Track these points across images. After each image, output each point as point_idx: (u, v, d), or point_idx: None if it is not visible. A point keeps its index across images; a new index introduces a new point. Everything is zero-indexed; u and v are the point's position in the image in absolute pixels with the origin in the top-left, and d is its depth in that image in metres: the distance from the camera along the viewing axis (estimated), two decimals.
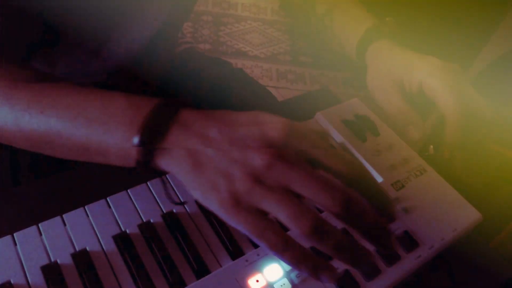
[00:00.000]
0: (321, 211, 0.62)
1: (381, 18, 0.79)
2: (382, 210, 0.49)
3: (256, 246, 0.59)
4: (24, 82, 0.57)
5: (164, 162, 0.49)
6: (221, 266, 0.60)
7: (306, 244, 0.47)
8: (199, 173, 0.47)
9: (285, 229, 0.47)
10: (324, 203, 0.44)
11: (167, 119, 0.50)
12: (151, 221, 0.62)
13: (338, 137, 0.80)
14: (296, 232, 0.43)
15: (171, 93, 1.00)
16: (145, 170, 0.50)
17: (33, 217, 0.59)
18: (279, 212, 0.44)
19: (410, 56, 0.71)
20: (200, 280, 0.56)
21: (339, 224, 0.51)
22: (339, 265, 0.60)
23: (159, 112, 0.50)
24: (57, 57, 0.81)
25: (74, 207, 0.61)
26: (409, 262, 0.64)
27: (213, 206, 0.46)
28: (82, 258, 0.57)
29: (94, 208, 0.62)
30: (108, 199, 0.63)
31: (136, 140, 0.49)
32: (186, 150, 0.48)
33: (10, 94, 0.55)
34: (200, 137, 0.48)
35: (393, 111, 0.72)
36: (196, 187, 0.47)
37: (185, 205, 0.65)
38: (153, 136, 0.49)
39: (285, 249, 0.44)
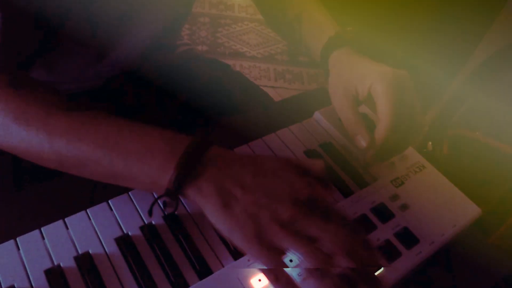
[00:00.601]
0: None
1: (344, 26, 0.83)
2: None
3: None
4: (60, 109, 0.60)
5: (192, 193, 0.56)
6: (223, 266, 0.60)
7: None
8: (228, 210, 0.54)
9: None
10: (335, 242, 0.52)
11: (202, 156, 0.56)
12: (153, 223, 0.62)
13: (337, 135, 0.80)
14: (310, 264, 0.52)
15: (170, 95, 1.00)
16: (172, 198, 0.57)
17: (36, 221, 0.59)
18: (297, 249, 0.52)
19: (364, 65, 0.74)
20: (202, 280, 0.57)
21: None
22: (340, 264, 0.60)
23: (194, 149, 0.56)
24: (55, 62, 0.81)
25: (76, 210, 0.61)
26: (409, 259, 0.64)
27: (238, 240, 0.53)
28: (85, 261, 0.57)
29: (96, 211, 0.62)
30: (109, 202, 0.63)
31: (172, 174, 0.55)
32: (216, 187, 0.55)
33: (47, 120, 0.58)
34: (234, 179, 0.55)
35: (344, 119, 0.75)
36: (222, 221, 0.54)
37: (187, 207, 0.65)
38: (187, 171, 0.55)
39: (286, 284, 0.53)
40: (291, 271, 0.57)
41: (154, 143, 0.57)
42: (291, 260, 0.58)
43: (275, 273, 0.53)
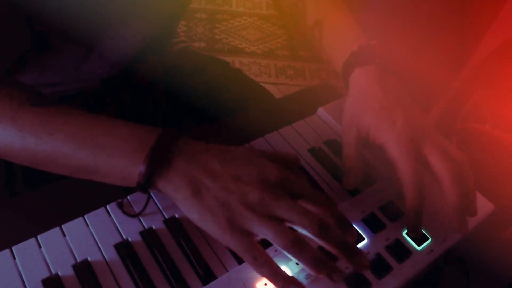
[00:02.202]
0: None
1: (369, 37, 0.78)
2: (344, 229, 0.58)
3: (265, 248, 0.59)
4: (26, 105, 0.60)
5: (162, 185, 0.57)
6: (227, 270, 0.59)
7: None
8: (198, 199, 0.55)
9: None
10: (303, 224, 0.54)
11: (170, 148, 0.58)
12: (153, 227, 0.61)
13: (342, 132, 0.79)
14: (279, 246, 0.54)
15: (168, 95, 0.99)
16: (143, 190, 0.58)
17: (31, 229, 0.58)
18: (267, 231, 0.54)
19: (380, 108, 0.70)
20: (206, 286, 0.56)
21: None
22: (349, 265, 0.59)
23: (163, 142, 0.58)
24: (48, 63, 0.80)
25: (73, 217, 0.60)
26: (421, 258, 0.63)
27: (210, 227, 0.55)
28: (83, 269, 0.56)
29: (94, 217, 0.61)
30: (107, 207, 0.62)
31: (142, 168, 0.56)
32: (185, 177, 0.56)
33: (17, 116, 0.59)
34: (203, 168, 0.57)
35: (344, 151, 0.72)
36: (194, 210, 0.56)
37: None
38: (157, 164, 0.56)
39: (264, 263, 0.54)
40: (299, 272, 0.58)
41: (123, 137, 0.58)
42: (297, 263, 0.58)
43: (252, 253, 0.54)
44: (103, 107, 0.92)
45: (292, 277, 0.55)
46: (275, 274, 0.54)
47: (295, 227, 0.55)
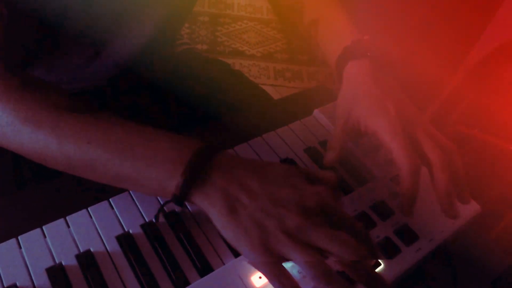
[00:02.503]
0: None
1: (362, 32, 0.80)
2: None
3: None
4: (69, 112, 0.60)
5: (199, 199, 0.56)
6: (224, 263, 0.60)
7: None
8: (234, 217, 0.53)
9: None
10: (341, 253, 0.51)
11: (209, 163, 0.56)
12: (154, 221, 0.63)
13: None
14: (311, 275, 0.51)
15: (170, 95, 1.00)
16: (179, 204, 0.57)
17: (37, 220, 0.60)
18: (300, 260, 0.51)
19: (374, 99, 0.71)
20: (203, 278, 0.57)
21: None
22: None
23: (201, 155, 0.56)
24: (55, 62, 0.82)
25: (77, 209, 0.62)
26: (409, 255, 0.65)
27: (243, 247, 0.52)
28: (86, 259, 0.57)
29: (97, 209, 0.62)
30: (110, 200, 0.64)
31: (179, 180, 0.55)
32: (222, 194, 0.55)
33: (56, 122, 0.58)
34: (241, 185, 0.55)
35: (333, 132, 0.74)
36: (228, 228, 0.54)
37: (188, 205, 0.65)
38: (194, 178, 0.55)
39: None
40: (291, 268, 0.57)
41: (162, 148, 0.58)
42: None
43: (280, 279, 0.52)
44: (107, 106, 0.93)
45: None
46: None
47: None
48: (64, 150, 0.58)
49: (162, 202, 0.65)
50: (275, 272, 0.52)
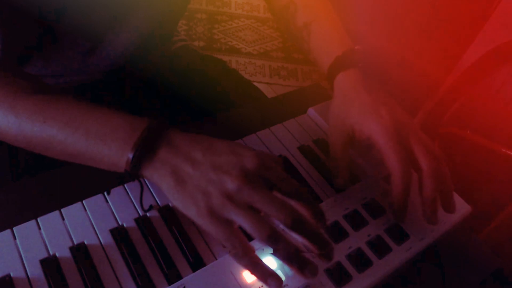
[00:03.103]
0: None
1: (352, 34, 0.81)
2: (318, 218, 0.59)
3: (251, 239, 0.60)
4: (27, 93, 0.62)
5: (149, 173, 0.59)
6: (216, 258, 0.61)
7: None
8: (181, 187, 0.56)
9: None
10: (278, 216, 0.55)
11: (158, 138, 0.59)
12: (148, 215, 0.63)
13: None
14: (256, 238, 0.54)
15: (166, 90, 1.01)
16: (131, 178, 0.59)
17: (32, 212, 0.60)
18: (244, 223, 0.54)
19: (365, 106, 0.72)
20: (196, 272, 0.57)
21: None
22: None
23: (150, 132, 0.59)
24: (51, 56, 0.82)
25: (72, 201, 0.62)
26: (400, 254, 0.65)
27: (192, 214, 0.56)
28: (80, 252, 0.58)
29: (92, 202, 0.63)
30: (105, 193, 0.64)
31: (130, 155, 0.58)
32: (170, 167, 0.58)
33: (14, 103, 0.61)
34: (186, 157, 0.58)
35: (332, 152, 0.75)
36: (177, 198, 0.57)
37: None
38: (144, 153, 0.58)
39: (244, 254, 0.55)
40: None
41: (115, 126, 0.60)
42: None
43: (232, 241, 0.55)
44: (103, 100, 0.93)
45: (272, 270, 0.56)
46: (253, 265, 0.55)
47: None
48: (22, 129, 0.61)
49: (158, 200, 0.65)
50: (226, 235, 0.54)
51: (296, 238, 0.57)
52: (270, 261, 0.59)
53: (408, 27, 1.65)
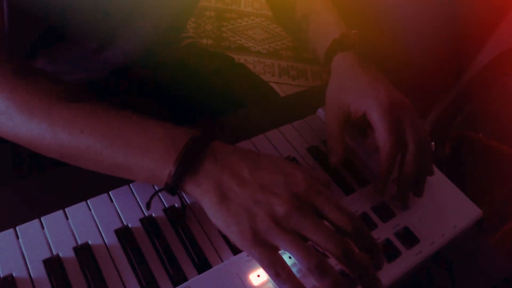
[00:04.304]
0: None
1: (351, 27, 0.82)
2: (373, 254, 0.56)
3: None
4: (62, 100, 0.60)
5: (191, 188, 0.56)
6: (222, 261, 0.60)
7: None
8: (225, 205, 0.54)
9: None
10: (328, 248, 0.52)
11: (202, 151, 0.56)
12: (153, 215, 0.62)
13: None
14: (303, 267, 0.51)
15: (175, 88, 1.00)
16: (171, 192, 0.57)
17: (36, 211, 0.59)
18: (291, 250, 0.51)
19: (362, 84, 0.73)
20: (201, 274, 0.57)
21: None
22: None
23: (195, 145, 0.56)
24: (59, 54, 0.82)
25: (76, 201, 0.61)
26: (409, 258, 0.64)
27: (234, 235, 0.53)
28: (84, 252, 0.57)
29: (96, 202, 0.62)
30: (110, 193, 0.63)
31: (172, 168, 0.55)
32: (214, 182, 0.55)
33: (50, 111, 0.59)
34: (231, 173, 0.55)
35: (328, 130, 0.74)
36: (219, 216, 0.54)
37: (187, 201, 0.65)
38: (188, 166, 0.55)
39: (287, 280, 0.51)
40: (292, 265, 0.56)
41: (155, 137, 0.58)
42: (290, 257, 0.58)
43: (275, 268, 0.51)
44: (109, 98, 0.92)
45: None
46: None
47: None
48: (57, 139, 0.58)
49: (163, 200, 0.64)
50: (269, 261, 0.51)
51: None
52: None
53: (418, 27, 1.64)
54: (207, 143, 0.58)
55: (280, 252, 0.53)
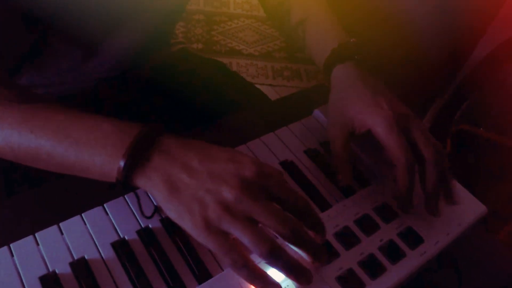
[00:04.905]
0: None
1: (351, 33, 0.81)
2: (317, 230, 0.58)
3: None
4: (14, 102, 0.61)
5: (142, 182, 0.56)
6: (223, 269, 0.59)
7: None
8: (176, 197, 0.54)
9: None
10: (277, 229, 0.53)
11: (150, 145, 0.57)
12: (150, 226, 0.61)
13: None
14: (256, 253, 0.52)
15: (165, 95, 1.00)
16: (123, 188, 0.56)
17: (29, 227, 0.58)
18: (243, 236, 0.52)
19: (364, 99, 0.72)
20: (202, 284, 0.56)
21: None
22: (343, 265, 0.59)
23: (143, 138, 0.56)
24: (45, 66, 0.81)
25: (71, 215, 0.60)
26: (414, 259, 0.64)
27: (187, 226, 0.53)
28: (80, 267, 0.56)
29: (91, 215, 0.61)
30: (105, 205, 0.62)
31: (121, 163, 0.55)
32: (164, 174, 0.55)
33: (1, 113, 0.60)
34: (181, 164, 0.56)
35: (332, 149, 0.73)
36: (171, 208, 0.54)
37: None
38: (136, 161, 0.55)
39: (243, 267, 0.52)
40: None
41: (104, 133, 0.58)
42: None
43: (231, 255, 0.52)
44: (100, 108, 0.91)
45: (276, 282, 0.54)
46: (256, 278, 0.53)
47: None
48: (8, 140, 0.59)
49: (157, 207, 0.63)
50: (225, 249, 0.52)
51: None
52: (276, 272, 0.57)
53: (413, 23, 1.64)
54: (155, 136, 0.57)
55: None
